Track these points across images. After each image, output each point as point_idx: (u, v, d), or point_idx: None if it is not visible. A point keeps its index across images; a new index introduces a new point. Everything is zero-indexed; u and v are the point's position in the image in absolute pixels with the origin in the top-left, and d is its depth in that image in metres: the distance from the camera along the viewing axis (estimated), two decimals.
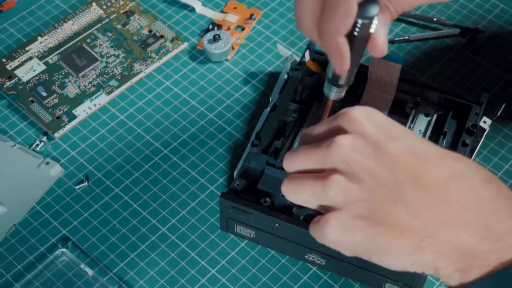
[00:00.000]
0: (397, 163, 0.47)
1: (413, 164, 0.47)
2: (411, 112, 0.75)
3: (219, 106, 0.81)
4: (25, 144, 0.78)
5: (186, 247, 0.70)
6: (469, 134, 0.72)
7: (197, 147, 0.78)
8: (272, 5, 0.90)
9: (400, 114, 0.75)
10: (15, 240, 0.71)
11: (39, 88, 0.81)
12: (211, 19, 0.88)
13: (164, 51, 0.84)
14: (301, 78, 0.76)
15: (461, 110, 0.75)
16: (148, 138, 0.78)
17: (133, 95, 0.82)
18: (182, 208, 0.73)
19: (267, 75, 0.83)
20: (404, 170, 0.47)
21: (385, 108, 0.76)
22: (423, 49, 0.85)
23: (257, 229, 0.68)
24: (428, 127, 0.74)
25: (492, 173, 0.49)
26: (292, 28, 0.87)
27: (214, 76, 0.83)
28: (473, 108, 0.74)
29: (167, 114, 0.80)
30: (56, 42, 0.85)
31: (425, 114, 0.75)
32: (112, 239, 0.71)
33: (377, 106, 0.77)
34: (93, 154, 0.77)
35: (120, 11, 0.88)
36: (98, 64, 0.83)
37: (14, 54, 0.84)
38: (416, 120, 0.75)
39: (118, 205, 0.73)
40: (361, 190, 0.47)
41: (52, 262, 0.69)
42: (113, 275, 0.69)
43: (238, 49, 0.86)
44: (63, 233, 0.71)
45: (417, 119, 0.75)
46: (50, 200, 0.74)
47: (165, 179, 0.75)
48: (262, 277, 0.69)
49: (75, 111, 0.79)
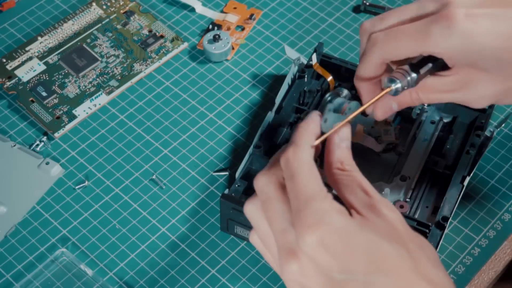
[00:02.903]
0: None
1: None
2: (417, 118, 0.75)
3: (219, 106, 0.81)
4: (25, 144, 0.78)
5: (186, 247, 0.71)
6: (474, 142, 0.72)
7: (197, 147, 0.78)
8: (272, 5, 0.90)
9: (406, 120, 0.75)
10: (15, 240, 0.71)
11: (39, 88, 0.81)
12: (211, 19, 0.88)
13: (164, 51, 0.84)
14: (308, 81, 0.76)
15: (467, 118, 0.75)
16: (148, 138, 0.78)
17: (133, 95, 0.82)
18: (182, 208, 0.73)
19: (267, 75, 0.83)
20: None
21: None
22: None
23: None
24: (433, 134, 0.74)
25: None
26: (292, 28, 0.87)
27: (214, 76, 0.83)
28: (479, 116, 0.74)
29: (167, 114, 0.80)
30: (56, 42, 0.85)
31: (431, 121, 0.75)
32: (112, 239, 0.71)
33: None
34: (93, 154, 0.77)
35: (120, 11, 0.88)
36: (98, 64, 0.83)
37: (14, 54, 0.84)
38: (422, 126, 0.75)
39: (118, 205, 0.73)
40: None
41: (52, 262, 0.69)
42: (113, 275, 0.69)
43: (238, 49, 0.86)
44: (63, 233, 0.72)
45: (423, 125, 0.75)
46: (50, 200, 0.74)
47: (165, 179, 0.75)
48: (262, 277, 0.69)
49: (75, 111, 0.80)
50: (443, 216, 0.67)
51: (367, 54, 0.56)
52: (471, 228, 0.72)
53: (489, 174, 0.75)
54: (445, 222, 0.67)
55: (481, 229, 0.72)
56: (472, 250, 0.70)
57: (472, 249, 0.70)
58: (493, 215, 0.73)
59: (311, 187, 0.46)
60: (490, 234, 0.71)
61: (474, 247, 0.71)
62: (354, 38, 0.87)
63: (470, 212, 0.73)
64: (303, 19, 0.88)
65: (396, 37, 0.55)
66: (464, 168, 0.70)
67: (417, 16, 0.55)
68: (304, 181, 0.47)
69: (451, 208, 0.68)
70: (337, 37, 0.87)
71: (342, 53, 0.85)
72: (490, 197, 0.74)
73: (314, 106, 0.76)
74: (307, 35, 0.87)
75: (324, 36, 0.87)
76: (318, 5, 0.90)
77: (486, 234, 0.71)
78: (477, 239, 0.71)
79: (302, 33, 0.87)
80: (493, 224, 0.72)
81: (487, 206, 0.73)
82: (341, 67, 0.78)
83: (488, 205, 0.73)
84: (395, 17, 0.56)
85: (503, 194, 0.74)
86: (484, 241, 0.71)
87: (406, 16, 0.56)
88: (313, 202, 0.46)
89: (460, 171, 0.70)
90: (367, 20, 0.58)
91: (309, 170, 0.48)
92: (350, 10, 0.90)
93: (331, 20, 0.88)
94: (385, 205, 0.47)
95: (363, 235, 0.45)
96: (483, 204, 0.73)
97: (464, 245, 0.70)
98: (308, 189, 0.46)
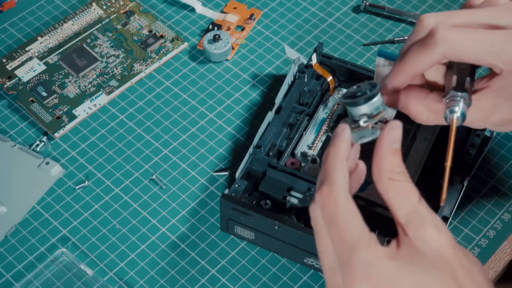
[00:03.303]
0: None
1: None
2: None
3: (219, 106, 0.81)
4: (25, 144, 0.78)
5: (186, 247, 0.71)
6: (473, 143, 0.72)
7: (197, 147, 0.78)
8: (272, 5, 0.90)
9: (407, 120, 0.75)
10: (15, 240, 0.71)
11: (39, 88, 0.81)
12: (211, 19, 0.88)
13: (164, 51, 0.84)
14: (308, 81, 0.76)
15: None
16: (148, 138, 0.78)
17: (133, 95, 0.82)
18: (182, 208, 0.73)
19: (267, 75, 0.83)
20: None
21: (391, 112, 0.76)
22: None
23: (257, 231, 0.68)
24: (433, 134, 0.74)
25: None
26: (292, 28, 0.87)
27: (214, 76, 0.83)
28: None
29: (167, 114, 0.80)
30: (56, 42, 0.85)
31: None
32: (112, 239, 0.71)
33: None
34: (93, 154, 0.77)
35: (120, 11, 0.88)
36: (98, 64, 0.83)
37: (14, 54, 0.84)
38: (422, 126, 0.75)
39: (118, 205, 0.73)
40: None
41: (52, 262, 0.69)
42: (113, 275, 0.69)
43: (238, 49, 0.86)
44: (63, 233, 0.72)
45: (423, 125, 0.75)
46: (50, 200, 0.74)
47: (165, 179, 0.75)
48: (262, 277, 0.69)
49: (75, 111, 0.80)
50: (443, 216, 0.67)
51: (427, 48, 0.53)
52: (471, 228, 0.72)
53: (489, 174, 0.75)
54: (445, 222, 0.67)
55: (481, 229, 0.72)
56: (472, 250, 0.70)
57: (472, 249, 0.70)
58: (493, 215, 0.73)
59: (353, 232, 0.46)
60: (490, 234, 0.71)
61: (474, 247, 0.71)
62: (354, 38, 0.87)
63: (470, 212, 0.73)
64: (303, 19, 0.88)
65: (472, 39, 0.53)
66: (464, 168, 0.70)
67: (490, 25, 0.54)
68: (345, 226, 0.46)
69: (451, 208, 0.68)
70: (337, 37, 0.87)
71: (342, 53, 0.85)
72: (490, 197, 0.74)
73: (314, 107, 0.76)
74: (307, 35, 0.87)
75: (324, 36, 0.87)
76: (318, 5, 0.90)
77: (486, 234, 0.71)
78: (477, 239, 0.71)
79: (302, 33, 0.87)
80: (493, 224, 0.72)
81: (487, 206, 0.73)
82: (341, 67, 0.78)
83: (488, 205, 0.73)
84: (463, 18, 0.54)
85: (503, 194, 0.74)
86: (484, 241, 0.71)
87: (475, 20, 0.54)
88: (358, 251, 0.45)
89: (460, 171, 0.70)
90: (429, 14, 0.55)
91: (348, 212, 0.46)
92: (350, 10, 0.90)
93: (331, 20, 0.88)
94: (433, 226, 0.46)
95: (412, 278, 0.45)
96: (483, 204, 0.73)
97: (464, 245, 0.70)
98: (350, 235, 0.46)
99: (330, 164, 0.48)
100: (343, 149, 0.49)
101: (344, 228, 0.46)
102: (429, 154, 0.73)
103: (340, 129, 0.50)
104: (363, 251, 0.45)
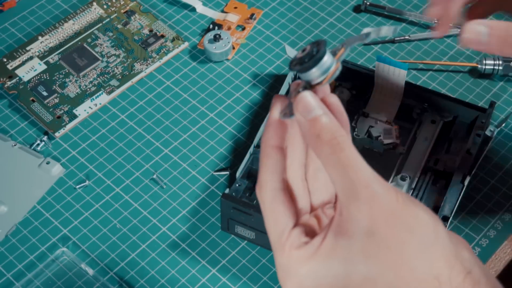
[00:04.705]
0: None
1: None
2: (417, 118, 0.75)
3: (220, 106, 0.81)
4: (26, 144, 0.78)
5: (187, 247, 0.71)
6: (474, 142, 0.72)
7: (197, 147, 0.78)
8: (273, 5, 0.90)
9: (407, 120, 0.75)
10: (15, 240, 0.71)
11: (39, 88, 0.81)
12: (211, 18, 0.88)
13: (164, 51, 0.85)
14: None
15: (467, 117, 0.75)
16: (148, 137, 0.78)
17: (134, 95, 0.82)
18: (182, 207, 0.73)
19: (268, 75, 0.83)
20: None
21: (392, 112, 0.76)
22: (423, 48, 0.85)
23: (258, 231, 0.68)
24: (434, 134, 0.74)
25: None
26: (293, 28, 0.87)
27: (214, 76, 0.83)
28: (480, 116, 0.74)
29: (168, 113, 0.80)
30: (57, 41, 0.85)
31: (431, 120, 0.75)
32: (113, 238, 0.71)
33: (384, 111, 0.77)
34: (94, 153, 0.77)
35: (121, 10, 0.88)
36: (99, 63, 0.83)
37: (15, 53, 0.84)
38: (422, 126, 0.75)
39: (118, 204, 0.73)
40: None
41: (53, 261, 0.69)
42: (113, 275, 0.69)
43: (239, 49, 0.86)
44: (63, 233, 0.72)
45: (424, 125, 0.75)
46: (50, 199, 0.74)
47: (166, 179, 0.75)
48: (262, 277, 0.69)
49: (76, 111, 0.80)
50: (443, 216, 0.67)
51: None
52: (472, 227, 0.72)
53: (489, 174, 0.75)
54: (446, 221, 0.67)
55: (481, 228, 0.72)
56: (473, 250, 0.70)
57: (472, 249, 0.70)
58: (493, 215, 0.73)
59: (272, 234, 0.45)
60: (490, 234, 0.71)
61: (475, 246, 0.71)
62: None
63: (470, 212, 0.73)
64: (304, 19, 0.89)
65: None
66: (465, 168, 0.70)
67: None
68: (268, 227, 0.46)
69: (452, 208, 0.68)
70: (338, 37, 0.87)
71: None
72: (490, 197, 0.74)
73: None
74: (308, 34, 0.87)
75: (325, 35, 0.87)
76: (318, 5, 0.90)
77: (486, 234, 0.71)
78: (477, 239, 0.71)
79: (302, 32, 0.87)
80: (493, 224, 0.72)
81: (487, 206, 0.73)
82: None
83: (488, 204, 0.73)
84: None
85: (503, 194, 0.74)
86: (484, 240, 0.71)
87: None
88: (276, 256, 0.45)
89: (461, 170, 0.70)
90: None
91: (270, 211, 0.46)
92: (351, 10, 0.90)
93: (331, 19, 0.88)
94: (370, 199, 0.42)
95: (330, 275, 0.43)
96: (484, 204, 0.73)
97: None
98: (271, 237, 0.46)
99: (260, 158, 0.47)
100: (268, 138, 0.46)
101: (268, 229, 0.46)
102: (429, 154, 0.73)
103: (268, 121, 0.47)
104: (279, 255, 0.45)
